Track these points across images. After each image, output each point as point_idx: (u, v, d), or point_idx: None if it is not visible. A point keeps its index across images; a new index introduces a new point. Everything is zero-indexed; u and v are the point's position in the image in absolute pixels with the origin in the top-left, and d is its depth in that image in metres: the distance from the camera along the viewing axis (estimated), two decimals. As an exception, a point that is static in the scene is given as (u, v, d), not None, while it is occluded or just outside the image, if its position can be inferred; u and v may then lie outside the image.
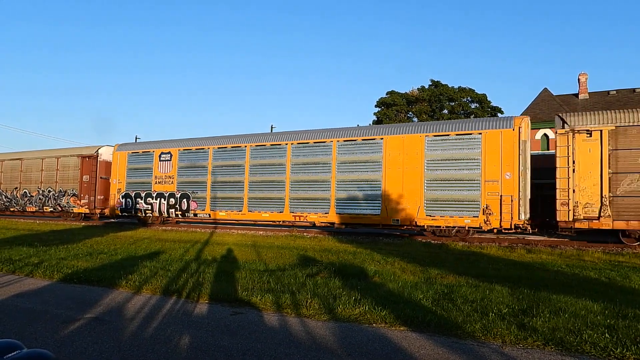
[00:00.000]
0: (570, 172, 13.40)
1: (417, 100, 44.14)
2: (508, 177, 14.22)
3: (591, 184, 13.17)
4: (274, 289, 6.53)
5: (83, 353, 4.01)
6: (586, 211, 13.22)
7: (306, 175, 17.41)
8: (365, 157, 16.43)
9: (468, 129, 15.04)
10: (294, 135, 18.13)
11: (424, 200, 15.31)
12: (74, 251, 10.79)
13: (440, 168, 15.23)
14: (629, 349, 3.99)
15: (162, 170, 20.78)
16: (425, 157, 15.42)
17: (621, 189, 12.87)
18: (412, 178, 15.49)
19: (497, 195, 14.31)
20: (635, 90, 29.78)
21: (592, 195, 13.17)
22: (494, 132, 14.61)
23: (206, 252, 11.18)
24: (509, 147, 14.33)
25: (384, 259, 10.02)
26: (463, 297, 5.97)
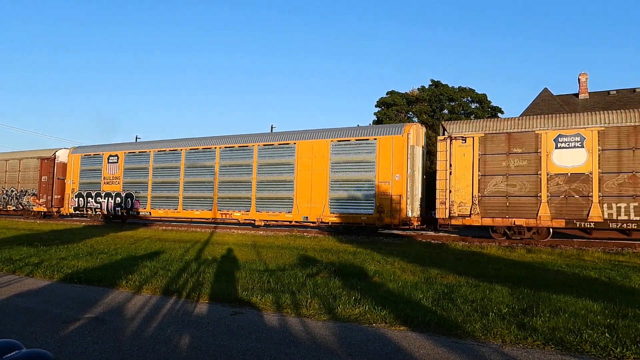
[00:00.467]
0: (448, 174, 15.08)
1: (417, 100, 44.14)
2: (397, 179, 15.91)
3: (465, 185, 14.81)
4: (274, 288, 6.53)
5: (83, 353, 4.02)
6: (460, 209, 14.87)
7: (231, 176, 19.03)
8: (281, 160, 18.05)
9: (365, 135, 16.70)
10: (223, 139, 19.76)
11: (328, 199, 16.93)
12: (74, 251, 10.79)
13: (343, 170, 16.86)
14: (629, 349, 3.99)
15: (110, 171, 22.62)
16: (330, 161, 17.08)
17: (488, 189, 14.60)
18: (320, 179, 17.12)
19: (388, 194, 15.96)
20: (635, 90, 29.77)
21: (465, 195, 14.82)
22: (386, 138, 16.21)
23: (206, 252, 11.19)
24: (398, 152, 15.99)
25: (384, 258, 10.02)
26: (463, 297, 5.97)
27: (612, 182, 13.30)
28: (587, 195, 13.43)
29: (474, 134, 14.87)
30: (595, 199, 13.32)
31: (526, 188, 14.15)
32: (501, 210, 14.40)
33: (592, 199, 13.36)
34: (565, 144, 13.87)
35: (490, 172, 14.57)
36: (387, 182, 16.00)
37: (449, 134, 15.15)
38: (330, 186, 16.94)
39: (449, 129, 15.26)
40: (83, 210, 23.27)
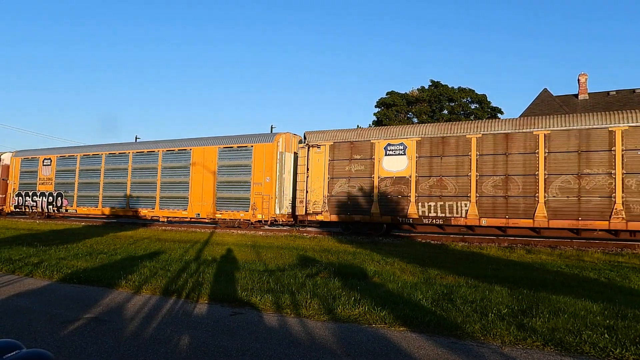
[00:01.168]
0: (306, 177, 17.43)
1: (417, 101, 44.15)
2: (268, 181, 18.29)
3: (318, 186, 17.18)
4: (273, 289, 6.53)
5: (83, 353, 4.02)
6: (314, 207, 17.18)
7: (141, 178, 21.54)
8: (179, 164, 20.50)
9: (245, 143, 19.08)
10: (134, 145, 22.68)
11: (216, 198, 19.36)
12: (74, 251, 10.79)
13: (227, 173, 19.29)
14: (629, 350, 3.99)
15: (44, 173, 25.36)
16: (218, 165, 19.49)
17: (335, 190, 16.96)
18: (209, 181, 19.57)
19: (260, 194, 18.28)
20: (635, 90, 29.79)
21: (319, 195, 17.14)
22: (260, 145, 18.57)
23: (206, 252, 11.19)
24: (269, 157, 18.35)
25: (384, 259, 10.03)
26: (462, 297, 5.97)
27: (424, 184, 15.64)
28: (407, 195, 15.80)
29: (326, 142, 17.25)
30: (413, 199, 15.74)
31: (363, 189, 16.47)
32: (345, 209, 16.72)
33: (410, 198, 15.77)
34: (393, 152, 16.21)
35: (337, 175, 17.00)
36: (259, 184, 18.39)
37: (307, 142, 17.52)
38: (217, 187, 19.37)
39: (308, 138, 17.63)
40: (22, 208, 25.93)
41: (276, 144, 18.32)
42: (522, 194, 14.27)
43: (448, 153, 15.31)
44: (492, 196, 14.64)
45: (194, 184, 19.89)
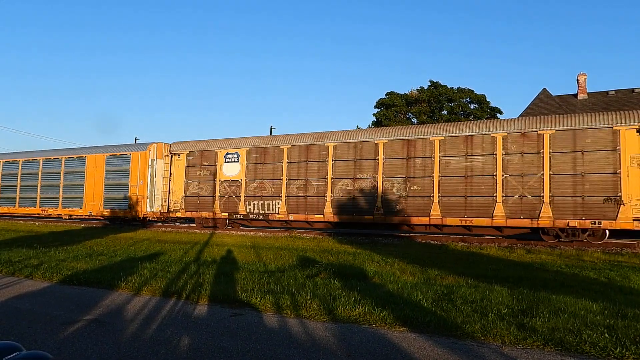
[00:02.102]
0: (169, 180, 20.92)
1: (416, 101, 44.15)
2: (141, 183, 21.43)
3: (179, 188, 20.50)
4: (273, 290, 6.53)
5: (83, 354, 4.01)
6: (175, 206, 20.57)
7: (49, 181, 24.50)
8: (77, 169, 23.55)
9: (125, 151, 22.36)
10: (44, 153, 25.68)
11: (103, 199, 22.40)
12: (74, 253, 10.78)
13: (112, 177, 22.36)
14: (629, 349, 3.99)
15: None
16: (105, 170, 22.54)
17: (189, 191, 20.13)
18: (99, 184, 22.66)
19: (136, 195, 21.33)
20: (634, 90, 29.81)
21: (178, 195, 20.49)
22: (136, 153, 21.75)
23: (206, 253, 11.18)
24: (143, 164, 21.40)
25: (384, 259, 10.02)
26: (462, 297, 5.97)
27: (251, 186, 18.73)
28: (239, 196, 18.94)
29: (184, 151, 20.55)
30: (243, 198, 18.87)
31: (208, 191, 19.67)
32: (196, 206, 19.95)
33: (241, 198, 18.90)
34: (230, 160, 19.46)
35: (191, 179, 20.21)
36: (135, 186, 21.46)
37: (171, 151, 21.03)
38: (105, 189, 22.47)
39: (172, 147, 21.15)
40: None
41: (148, 152, 21.50)
42: (316, 194, 17.39)
43: (267, 161, 18.60)
44: (296, 196, 17.77)
45: (87, 186, 23.11)
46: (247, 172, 18.87)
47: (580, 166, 13.58)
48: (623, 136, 13.17)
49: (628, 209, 12.91)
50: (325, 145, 17.33)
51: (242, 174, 18.94)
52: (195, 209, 19.88)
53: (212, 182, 19.59)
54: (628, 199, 12.95)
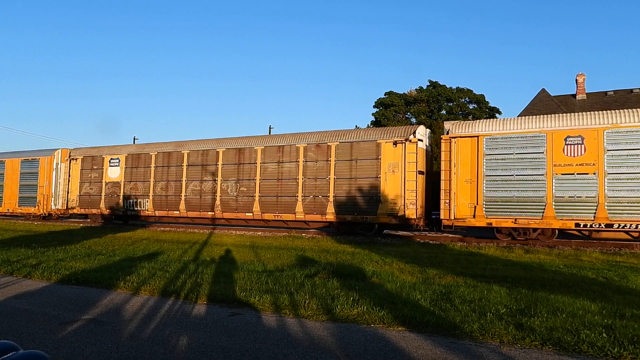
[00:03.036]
0: (68, 181, 24.34)
1: (415, 101, 44.17)
2: (47, 184, 24.64)
3: (75, 187, 23.86)
4: (272, 289, 6.53)
5: (81, 354, 4.01)
6: (72, 203, 24.04)
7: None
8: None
9: (35, 156, 25.51)
10: None
11: (19, 197, 25.78)
12: (72, 252, 10.77)
13: (26, 179, 25.54)
14: (626, 349, 3.99)
15: None
16: (20, 172, 25.74)
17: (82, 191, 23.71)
18: (15, 185, 25.93)
19: (43, 194, 24.80)
20: (632, 91, 29.86)
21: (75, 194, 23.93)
22: (43, 158, 25.05)
23: (204, 253, 11.18)
24: (49, 167, 24.66)
25: (382, 259, 10.03)
26: (461, 297, 5.97)
27: (128, 187, 22.06)
28: (119, 195, 22.29)
29: (80, 156, 24.02)
30: (121, 197, 22.22)
31: (97, 191, 22.96)
32: (88, 204, 23.27)
33: (120, 197, 22.23)
34: (113, 164, 22.65)
35: (84, 180, 23.49)
36: (42, 186, 24.88)
37: (70, 156, 24.35)
38: (20, 189, 25.72)
39: (71, 153, 24.59)
40: None
41: (53, 157, 24.72)
42: (174, 194, 20.61)
43: (140, 165, 21.73)
44: (159, 195, 21.03)
45: (6, 187, 26.31)
46: (125, 175, 22.17)
47: (354, 172, 16.85)
48: (383, 148, 16.37)
49: (385, 206, 16.11)
50: (182, 152, 20.75)
51: (121, 177, 22.29)
52: (88, 207, 23.30)
53: (100, 183, 22.95)
54: (384, 198, 16.15)
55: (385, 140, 16.43)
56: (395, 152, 16.16)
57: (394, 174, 16.06)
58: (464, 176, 14.82)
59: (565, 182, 13.67)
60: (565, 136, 13.67)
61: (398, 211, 15.77)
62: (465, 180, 14.78)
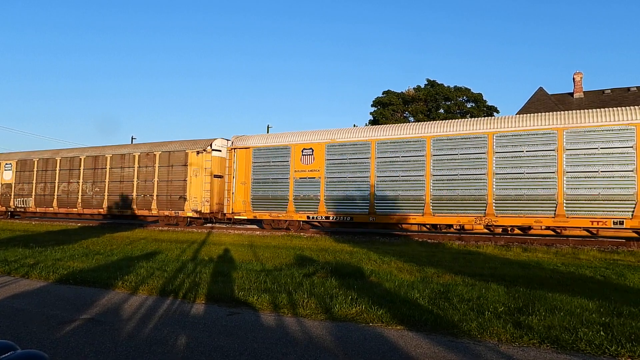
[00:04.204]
0: None
1: (413, 100, 44.18)
2: None
3: None
4: (270, 288, 6.52)
5: (79, 354, 4.00)
6: None
7: None
8: None
9: None
10: None
11: None
12: (70, 252, 10.74)
13: None
14: (624, 347, 4.01)
15: None
16: None
17: None
18: None
19: None
20: (629, 89, 29.93)
21: None
22: None
23: (203, 252, 11.16)
24: None
25: (381, 258, 10.03)
26: (459, 296, 5.98)
27: (17, 188, 25.55)
28: (11, 195, 25.74)
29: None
30: (12, 196, 25.63)
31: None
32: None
33: (11, 196, 25.71)
34: (7, 168, 26.16)
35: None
36: None
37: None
38: None
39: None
40: None
41: None
42: (49, 193, 24.19)
43: (26, 169, 25.35)
44: (39, 195, 24.67)
45: None
46: (15, 178, 25.85)
47: (171, 175, 20.86)
48: (190, 156, 20.35)
49: (190, 203, 20.19)
50: (55, 159, 24.46)
51: (13, 179, 26.00)
52: None
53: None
54: (190, 196, 20.24)
55: (191, 150, 20.47)
56: (198, 159, 20.16)
57: (197, 177, 20.11)
58: (240, 179, 18.61)
59: (300, 184, 17.33)
60: (302, 148, 17.48)
61: (197, 207, 19.95)
62: (241, 183, 18.56)
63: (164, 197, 20.89)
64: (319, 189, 17.00)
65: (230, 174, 18.73)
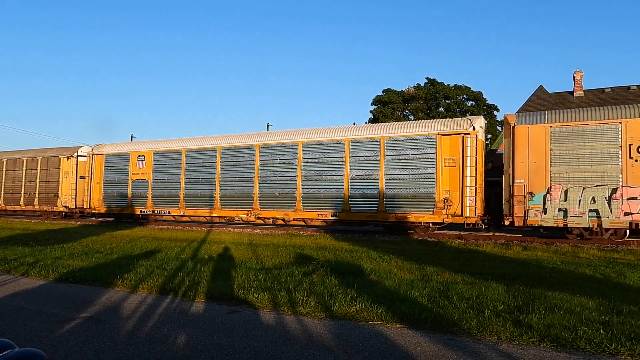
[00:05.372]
0: None
1: (413, 98, 44.15)
2: None
3: None
4: (270, 287, 6.52)
5: (79, 352, 4.00)
6: None
7: None
8: None
9: None
10: None
11: None
12: (70, 250, 10.74)
13: None
14: (624, 345, 4.01)
15: None
16: None
17: None
18: None
19: None
20: (630, 87, 29.91)
21: None
22: None
23: (203, 250, 11.16)
24: None
25: (380, 256, 10.03)
26: (459, 294, 5.98)
27: None
28: None
29: None
30: None
31: None
32: None
33: None
34: None
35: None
36: None
37: None
38: None
39: None
40: None
41: None
42: None
43: None
44: None
45: None
46: None
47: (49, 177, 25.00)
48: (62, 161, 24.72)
49: (61, 200, 24.31)
50: None
51: None
52: None
53: None
54: (62, 194, 24.42)
55: (63, 156, 24.77)
56: (68, 164, 24.50)
57: (67, 179, 24.42)
58: (96, 180, 23.13)
59: (136, 184, 21.82)
60: (137, 155, 21.96)
61: (67, 203, 24.41)
62: (97, 183, 23.06)
63: (44, 195, 25.27)
64: (147, 188, 21.46)
65: (88, 176, 23.45)
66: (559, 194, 13.41)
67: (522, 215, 13.74)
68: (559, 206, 13.40)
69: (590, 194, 13.06)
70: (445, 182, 15.17)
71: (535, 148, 13.70)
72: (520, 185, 13.85)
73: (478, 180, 14.81)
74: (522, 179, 13.86)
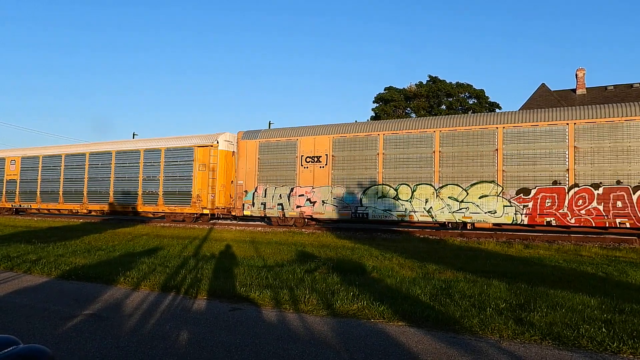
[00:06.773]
0: None
1: (415, 96, 44.07)
2: None
3: None
4: (272, 284, 6.53)
5: (81, 349, 4.02)
6: None
7: None
8: None
9: None
10: None
11: None
12: (72, 248, 10.77)
13: None
14: (626, 343, 4.00)
15: None
16: None
17: None
18: None
19: None
20: (632, 85, 29.80)
21: None
22: None
23: (205, 248, 11.18)
24: None
25: (382, 254, 10.03)
26: (461, 292, 5.98)
27: None
28: None
29: None
30: None
31: None
32: None
33: None
34: None
35: None
36: None
37: None
38: None
39: None
40: None
41: None
42: None
43: None
44: None
45: None
46: None
47: None
48: None
49: None
50: None
51: None
52: None
53: None
54: None
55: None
56: None
57: None
58: None
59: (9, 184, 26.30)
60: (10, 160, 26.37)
61: None
62: None
63: None
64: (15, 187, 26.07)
65: None
66: (262, 192, 18.12)
67: (240, 207, 18.57)
68: (261, 201, 18.05)
69: (279, 192, 17.75)
70: (199, 182, 19.97)
71: (250, 157, 18.54)
72: (241, 185, 18.69)
73: (219, 181, 19.82)
74: (242, 180, 18.64)
